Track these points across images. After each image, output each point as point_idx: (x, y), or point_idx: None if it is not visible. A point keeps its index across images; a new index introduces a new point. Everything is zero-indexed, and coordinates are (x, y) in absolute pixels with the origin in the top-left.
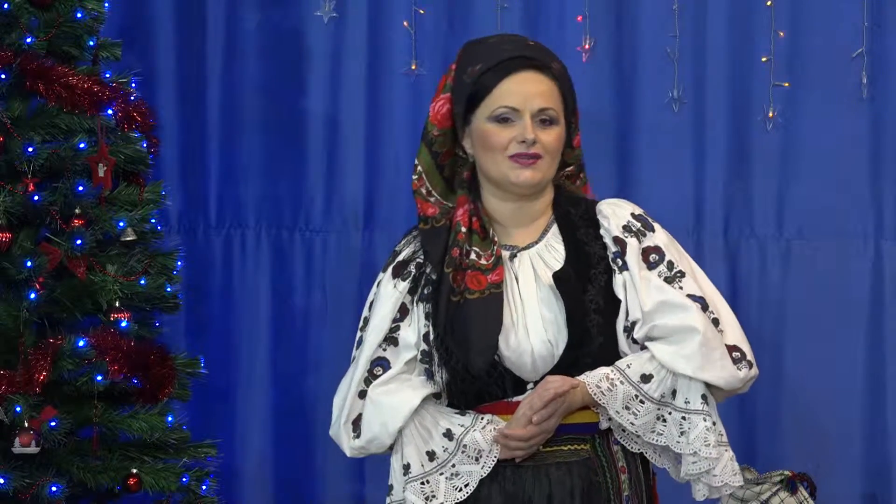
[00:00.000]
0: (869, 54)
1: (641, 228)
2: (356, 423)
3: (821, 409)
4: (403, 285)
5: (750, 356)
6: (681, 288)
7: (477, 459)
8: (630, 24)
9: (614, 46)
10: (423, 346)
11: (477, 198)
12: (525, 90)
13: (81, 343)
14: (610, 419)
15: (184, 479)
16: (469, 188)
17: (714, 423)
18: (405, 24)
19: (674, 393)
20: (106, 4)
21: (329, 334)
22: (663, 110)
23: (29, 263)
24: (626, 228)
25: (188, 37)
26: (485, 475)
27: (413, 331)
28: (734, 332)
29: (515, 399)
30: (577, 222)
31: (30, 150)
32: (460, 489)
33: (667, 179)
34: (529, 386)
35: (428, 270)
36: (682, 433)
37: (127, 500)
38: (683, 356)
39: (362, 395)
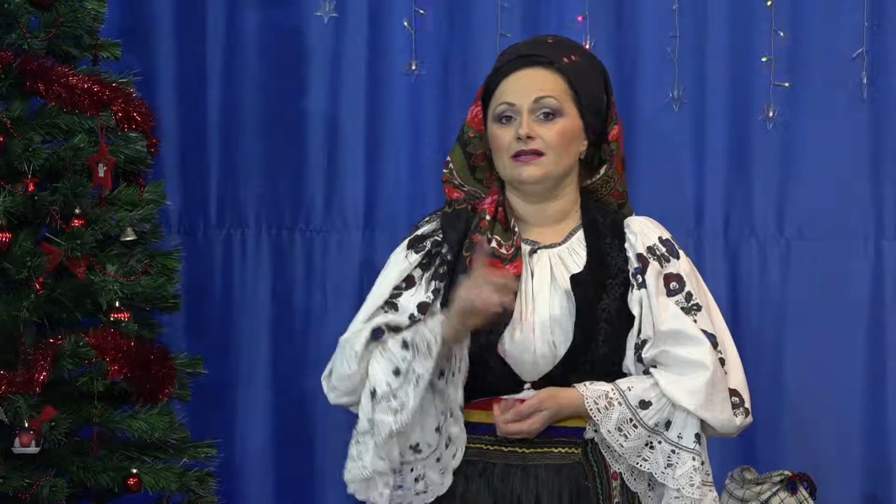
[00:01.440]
0: (869, 54)
1: (666, 253)
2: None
3: (821, 409)
4: (415, 257)
5: (748, 403)
6: (695, 321)
7: (429, 353)
8: (630, 24)
9: (614, 46)
10: (413, 312)
11: (504, 192)
12: (522, 85)
13: (81, 343)
14: (596, 432)
15: (184, 479)
16: (501, 181)
17: (703, 463)
18: (405, 24)
19: (668, 424)
20: (106, 4)
21: (329, 334)
22: (663, 110)
23: (29, 263)
24: (651, 250)
25: (188, 37)
26: (432, 370)
27: (414, 300)
28: (737, 376)
29: (513, 397)
30: (602, 231)
31: (30, 150)
32: (419, 387)
33: (667, 179)
34: (526, 385)
35: (444, 251)
36: (668, 465)
37: (127, 500)
38: (688, 390)
39: None
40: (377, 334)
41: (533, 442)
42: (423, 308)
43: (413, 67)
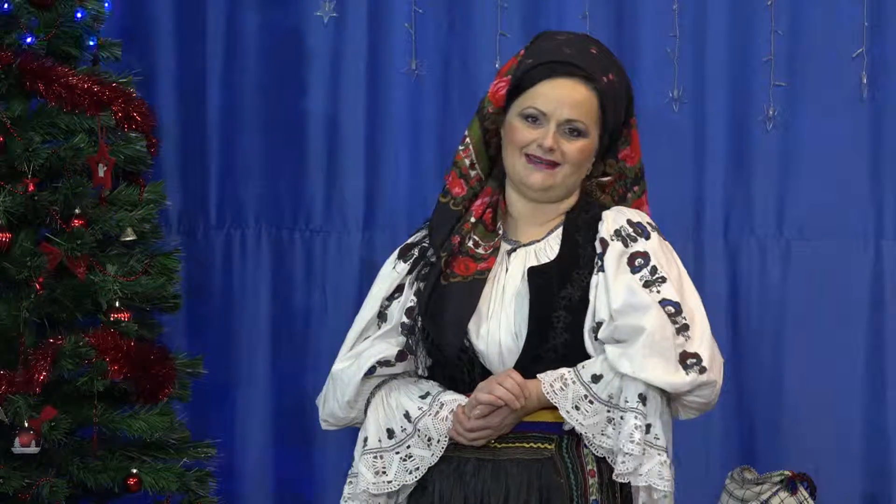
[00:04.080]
0: (869, 54)
1: (633, 234)
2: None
3: (821, 409)
4: (403, 266)
5: (706, 363)
6: (658, 292)
7: (428, 446)
8: (630, 24)
9: (614, 46)
10: (404, 319)
11: (502, 190)
12: (559, 96)
13: (81, 343)
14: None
15: (184, 479)
16: (499, 180)
17: (648, 426)
18: (405, 24)
19: (620, 393)
20: (106, 4)
21: (329, 334)
22: (663, 110)
23: (29, 263)
24: (616, 232)
25: (188, 37)
26: (433, 463)
27: (400, 305)
28: (701, 343)
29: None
30: (580, 225)
31: (30, 150)
32: (411, 472)
33: (667, 179)
34: None
35: (429, 254)
36: (619, 432)
37: (127, 500)
38: (626, 355)
39: None
40: (369, 372)
41: (506, 437)
42: (410, 313)
43: (413, 67)
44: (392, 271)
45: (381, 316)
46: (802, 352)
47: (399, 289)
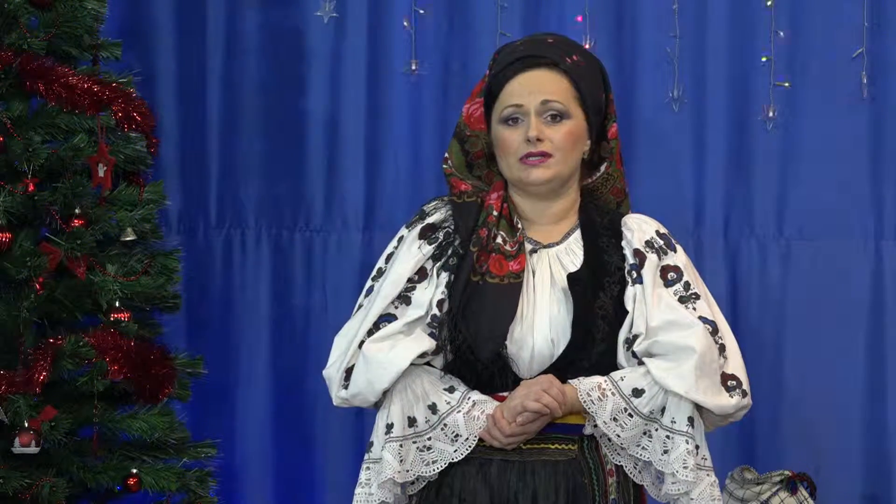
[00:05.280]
0: (869, 54)
1: (664, 246)
2: (349, 373)
3: (821, 409)
4: (428, 249)
5: (746, 386)
6: (694, 309)
7: (453, 441)
8: (630, 24)
9: (614, 46)
10: (435, 311)
11: (507, 189)
12: (528, 86)
13: (81, 343)
14: (595, 427)
15: (184, 479)
16: (503, 177)
17: (697, 447)
18: (405, 24)
19: (662, 410)
20: (106, 4)
21: (329, 334)
22: (663, 110)
23: (29, 263)
24: (649, 244)
25: (188, 37)
26: (456, 460)
27: (428, 294)
28: (736, 363)
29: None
30: (600, 231)
31: (30, 150)
32: (428, 464)
33: (667, 179)
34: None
35: (456, 243)
36: (664, 451)
37: (127, 500)
38: (678, 374)
39: (362, 345)
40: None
41: (531, 438)
42: (441, 305)
43: (413, 67)
44: (417, 251)
45: (404, 298)
46: (802, 352)
47: (422, 272)
